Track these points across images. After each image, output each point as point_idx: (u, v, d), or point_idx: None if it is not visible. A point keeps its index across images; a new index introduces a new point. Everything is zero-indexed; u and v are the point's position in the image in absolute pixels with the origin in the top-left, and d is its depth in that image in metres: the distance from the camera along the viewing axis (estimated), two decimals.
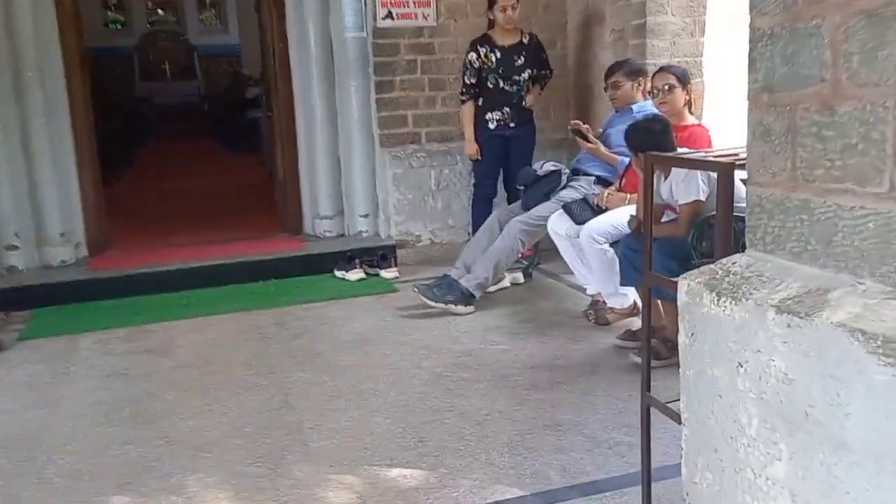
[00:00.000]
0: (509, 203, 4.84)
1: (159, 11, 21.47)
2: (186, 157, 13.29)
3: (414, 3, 4.89)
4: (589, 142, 4.01)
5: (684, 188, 2.99)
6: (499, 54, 4.58)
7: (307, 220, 5.46)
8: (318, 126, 5.22)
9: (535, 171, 4.12)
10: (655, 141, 3.01)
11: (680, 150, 2.97)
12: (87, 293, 4.49)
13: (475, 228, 4.79)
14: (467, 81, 4.60)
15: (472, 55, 4.58)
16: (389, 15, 4.87)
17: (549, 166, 4.10)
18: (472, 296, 3.95)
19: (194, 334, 3.86)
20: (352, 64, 5.02)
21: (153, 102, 19.00)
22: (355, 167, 5.17)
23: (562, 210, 3.79)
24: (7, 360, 3.60)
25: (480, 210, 4.82)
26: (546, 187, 4.05)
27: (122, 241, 5.45)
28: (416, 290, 4.05)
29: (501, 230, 4.11)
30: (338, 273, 4.77)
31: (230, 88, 18.69)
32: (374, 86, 4.96)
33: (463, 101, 4.65)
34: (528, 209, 4.07)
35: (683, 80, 3.56)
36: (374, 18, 4.86)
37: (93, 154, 5.11)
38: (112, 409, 2.99)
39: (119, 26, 21.45)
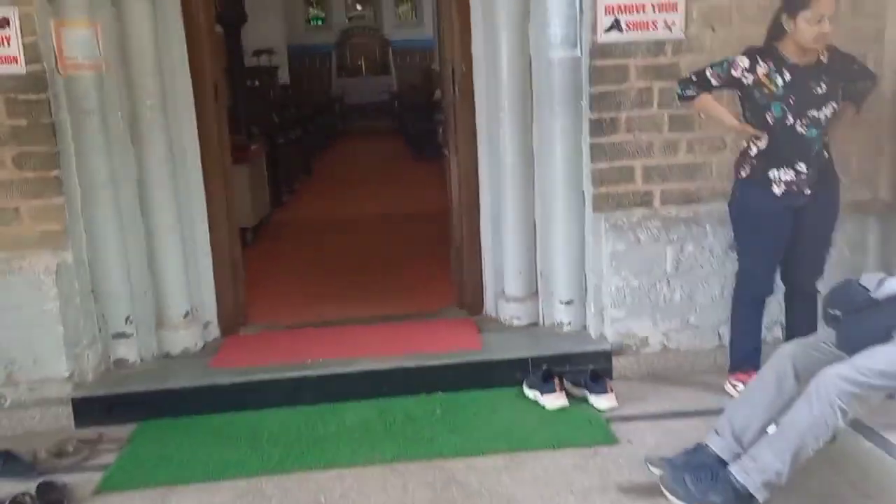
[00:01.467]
0: (791, 312, 3.23)
1: (357, 7, 21.41)
2: (371, 163, 12.60)
3: (654, 7, 3.36)
4: None
5: None
6: (788, 76, 2.96)
7: (489, 298, 4.11)
8: (509, 177, 3.84)
9: (867, 289, 2.46)
10: None
11: None
12: (203, 402, 3.44)
13: (737, 336, 3.26)
14: (708, 76, 3.07)
15: (744, 62, 3.01)
16: (616, 25, 3.37)
17: (895, 285, 2.43)
18: (752, 498, 2.39)
19: None
20: (557, 94, 3.58)
21: (347, 100, 18.84)
22: (556, 236, 3.73)
23: None
24: None
25: (746, 313, 3.26)
26: (888, 319, 2.39)
27: (267, 308, 4.43)
28: (652, 467, 2.57)
29: (797, 377, 2.51)
30: (528, 392, 3.38)
31: (421, 86, 18.07)
32: (588, 125, 3.49)
33: (688, 98, 3.14)
34: (851, 349, 2.43)
35: None
36: (594, 31, 3.38)
37: (230, 208, 4.07)
38: None
39: (320, 22, 21.62)
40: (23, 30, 3.22)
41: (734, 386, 3.23)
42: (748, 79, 3.01)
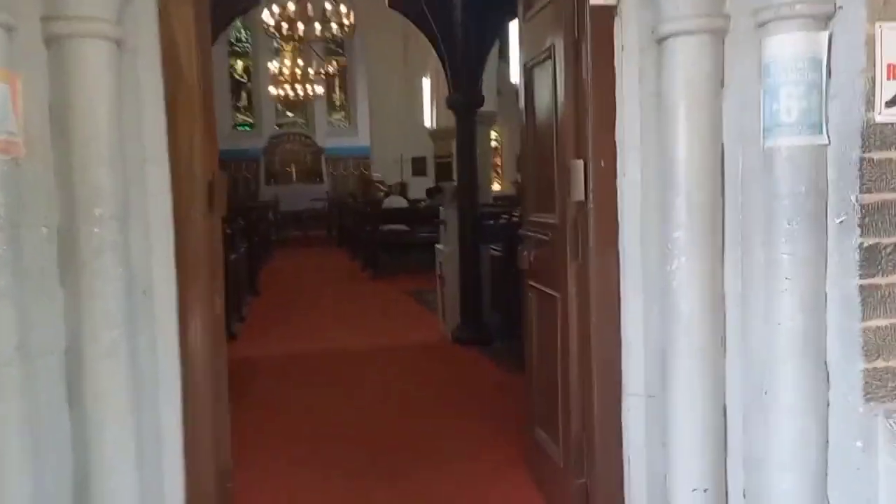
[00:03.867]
0: None
1: (288, 114, 20.74)
2: (322, 279, 11.13)
3: None
4: None
5: None
6: None
7: None
8: (682, 333, 2.39)
9: None
10: None
11: None
12: None
13: None
14: None
15: None
16: None
17: None
18: None
19: None
20: (786, 205, 2.21)
21: (279, 208, 17.75)
22: (778, 435, 2.26)
23: None
24: None
25: None
26: None
27: None
28: None
29: None
30: None
31: (361, 194, 16.99)
32: (856, 255, 2.10)
33: None
34: None
35: None
36: (868, 104, 2.06)
37: (220, 388, 2.48)
38: None
39: (248, 128, 20.70)
40: None
41: None
42: None
